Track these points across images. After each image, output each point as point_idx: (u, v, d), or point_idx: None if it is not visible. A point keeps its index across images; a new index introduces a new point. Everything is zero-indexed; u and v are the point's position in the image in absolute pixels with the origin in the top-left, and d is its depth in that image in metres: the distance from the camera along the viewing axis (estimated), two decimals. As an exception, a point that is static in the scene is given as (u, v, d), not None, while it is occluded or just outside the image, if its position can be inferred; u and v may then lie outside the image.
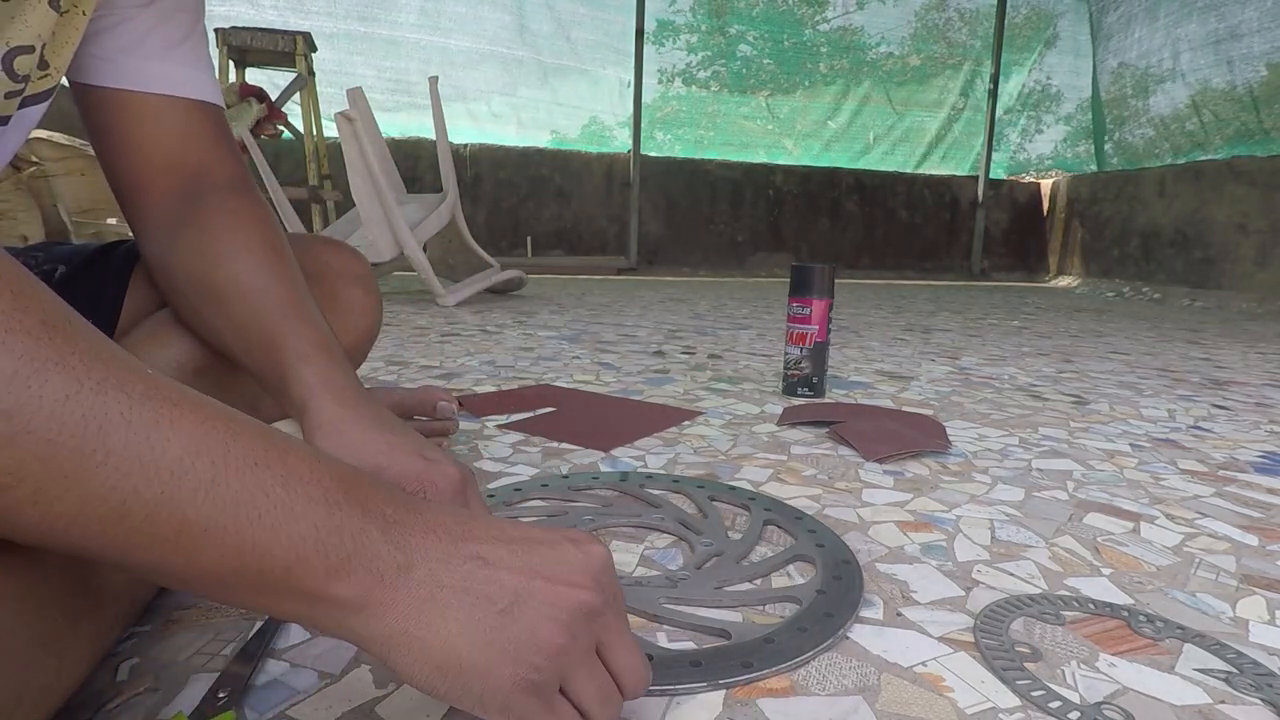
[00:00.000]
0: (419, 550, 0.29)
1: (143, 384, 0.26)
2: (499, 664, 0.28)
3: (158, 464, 0.25)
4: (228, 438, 0.26)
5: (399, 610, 0.28)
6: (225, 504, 0.25)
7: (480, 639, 0.28)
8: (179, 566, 0.26)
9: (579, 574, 0.31)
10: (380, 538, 0.28)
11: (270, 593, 0.27)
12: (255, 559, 0.26)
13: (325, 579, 0.27)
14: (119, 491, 0.24)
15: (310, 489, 0.28)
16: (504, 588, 0.29)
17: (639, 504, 0.68)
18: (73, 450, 0.23)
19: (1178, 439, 0.99)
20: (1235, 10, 3.67)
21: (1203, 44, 3.89)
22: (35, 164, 2.32)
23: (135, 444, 0.24)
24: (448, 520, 0.31)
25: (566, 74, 4.43)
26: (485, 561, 0.30)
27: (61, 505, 0.24)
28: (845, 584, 0.52)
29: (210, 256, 0.53)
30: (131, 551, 0.25)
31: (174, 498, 0.25)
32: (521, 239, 4.38)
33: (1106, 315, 2.89)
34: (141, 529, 0.25)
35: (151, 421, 0.25)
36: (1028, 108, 5.23)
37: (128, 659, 0.41)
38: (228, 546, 0.26)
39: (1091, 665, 0.44)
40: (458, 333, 1.80)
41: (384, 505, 0.29)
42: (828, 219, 4.93)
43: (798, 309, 1.14)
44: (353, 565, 0.27)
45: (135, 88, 0.54)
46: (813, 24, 4.90)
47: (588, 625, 0.31)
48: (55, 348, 0.24)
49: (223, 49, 2.96)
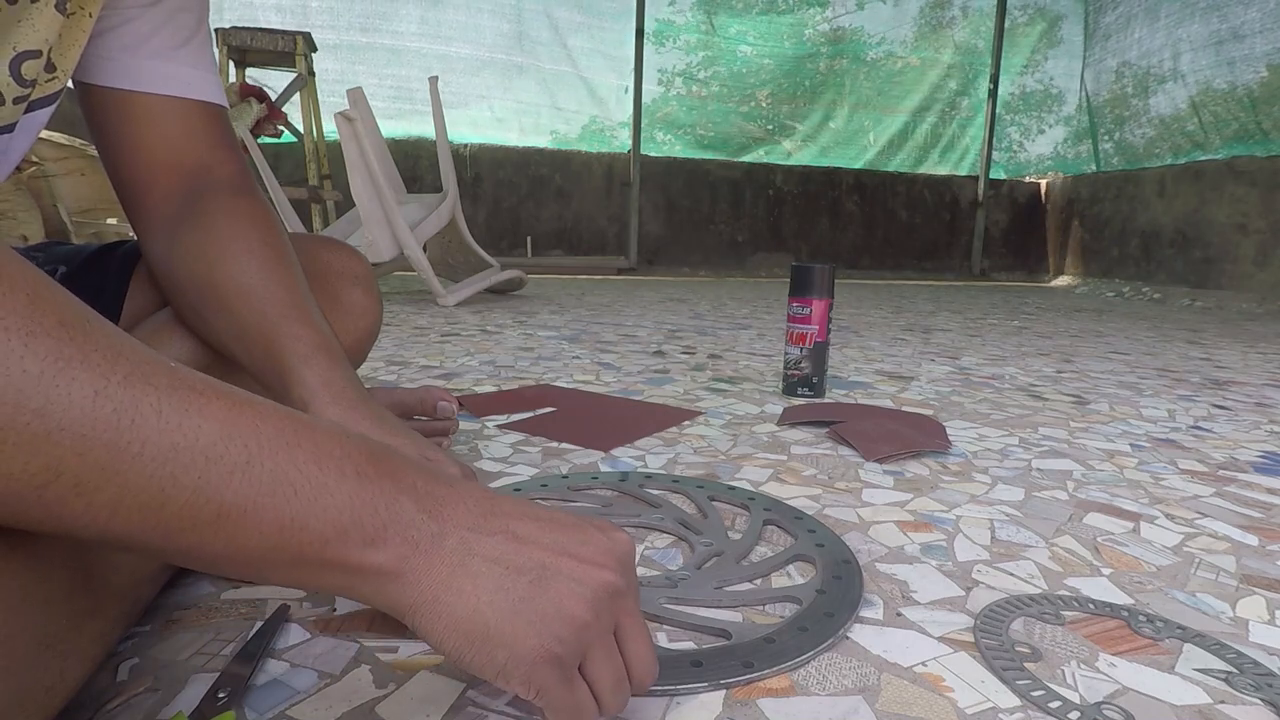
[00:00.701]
0: (451, 519, 0.30)
1: (167, 375, 0.26)
2: (525, 634, 0.29)
3: (192, 450, 0.25)
4: (257, 420, 0.27)
5: (432, 576, 0.29)
6: (262, 484, 0.26)
7: (508, 608, 0.29)
8: (219, 548, 0.26)
9: (605, 555, 0.32)
10: (413, 508, 0.29)
11: (307, 567, 0.28)
12: (294, 535, 0.27)
13: (362, 549, 0.28)
14: (157, 480, 0.25)
15: (343, 464, 0.28)
16: (533, 560, 0.30)
17: (639, 504, 0.68)
18: (108, 444, 0.24)
19: (1178, 439, 0.99)
20: (1239, 11, 3.67)
21: (1203, 44, 3.89)
22: (35, 164, 2.32)
23: (168, 433, 0.25)
24: (478, 494, 0.32)
25: (564, 79, 4.45)
26: (515, 535, 0.31)
27: (102, 496, 0.24)
28: (845, 583, 0.52)
29: (211, 257, 0.53)
30: (173, 536, 0.26)
31: (211, 481, 0.25)
32: (521, 239, 4.38)
33: (1106, 315, 2.89)
34: (182, 514, 0.25)
35: (182, 410, 0.25)
36: (1028, 108, 5.24)
37: (128, 659, 0.41)
38: (267, 525, 0.26)
39: (1091, 665, 0.44)
40: (458, 333, 1.80)
41: (415, 478, 0.30)
42: (828, 219, 4.93)
43: (798, 309, 1.14)
44: (389, 534, 0.28)
45: (139, 88, 0.54)
46: (813, 24, 4.90)
47: (610, 605, 0.31)
48: (78, 346, 0.24)
49: (223, 49, 2.96)
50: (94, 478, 0.24)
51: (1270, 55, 3.57)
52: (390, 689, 0.39)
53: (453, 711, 0.38)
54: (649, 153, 4.59)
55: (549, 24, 4.34)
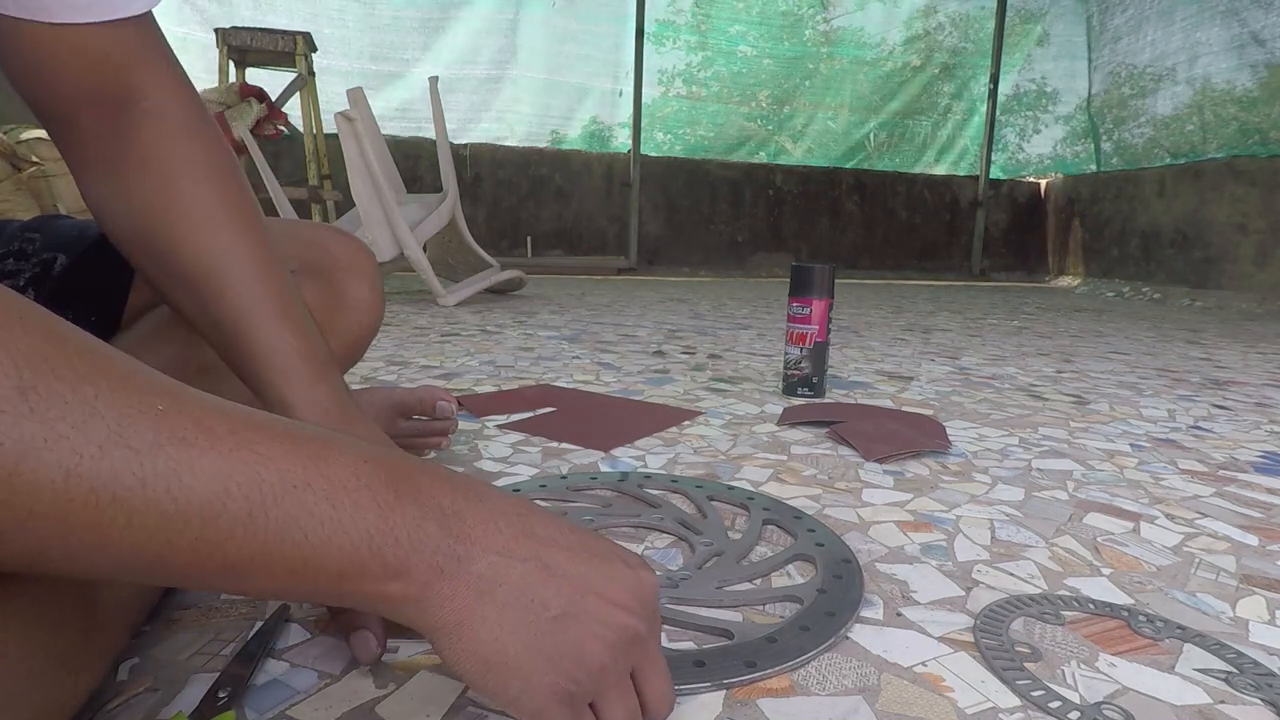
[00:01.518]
0: (480, 542, 0.29)
1: (152, 430, 0.23)
2: (542, 669, 0.29)
3: (185, 514, 0.23)
4: (257, 465, 0.25)
5: (457, 602, 0.28)
6: (269, 535, 0.25)
7: (530, 643, 0.29)
8: (232, 588, 0.26)
9: (630, 597, 0.31)
10: (438, 531, 0.28)
11: (327, 596, 0.27)
12: (307, 576, 0.26)
13: (381, 579, 0.27)
14: (153, 546, 0.23)
15: (358, 497, 0.27)
16: (559, 594, 0.30)
17: (638, 504, 0.68)
18: (90, 524, 0.22)
19: (1178, 439, 0.99)
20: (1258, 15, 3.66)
21: (1213, 47, 3.88)
22: (35, 164, 2.32)
23: (155, 501, 0.23)
24: (510, 512, 0.31)
25: (561, 88, 4.47)
26: (544, 565, 0.30)
27: (99, 562, 0.23)
28: (846, 582, 0.52)
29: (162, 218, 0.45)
30: (183, 583, 0.26)
31: (211, 540, 0.24)
32: (521, 239, 4.38)
33: (1106, 315, 2.89)
34: (186, 571, 0.24)
35: (169, 473, 0.23)
36: (1024, 108, 5.23)
37: (128, 659, 0.41)
38: (277, 570, 0.25)
39: (1091, 665, 0.44)
40: (458, 333, 1.80)
41: (441, 496, 0.29)
42: (828, 219, 4.93)
43: (798, 309, 1.14)
44: (411, 563, 0.27)
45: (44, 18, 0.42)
46: (812, 24, 4.90)
47: (629, 649, 0.31)
48: (39, 419, 0.21)
49: (223, 49, 2.96)
50: (83, 554, 0.23)
51: (1270, 56, 3.57)
52: (390, 689, 0.39)
53: (453, 711, 0.38)
54: (649, 153, 4.59)
55: (546, 33, 4.37)
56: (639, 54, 4.43)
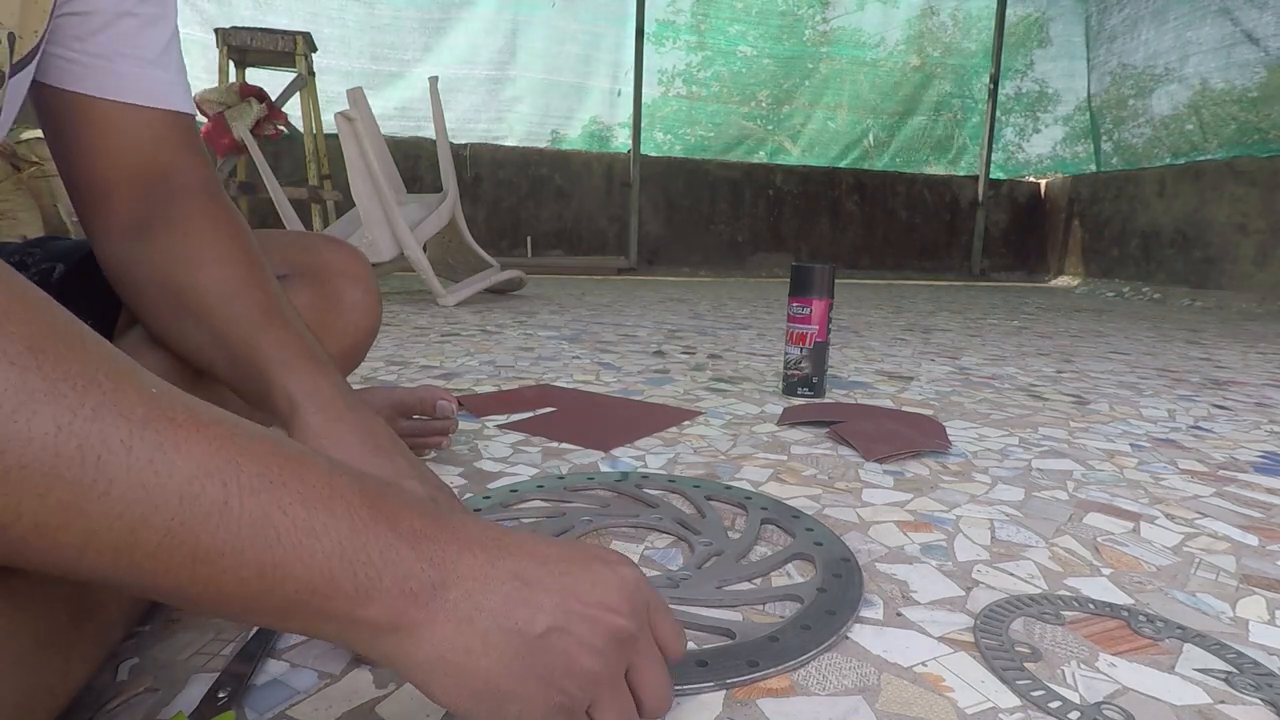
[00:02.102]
0: (454, 567, 0.28)
1: (144, 406, 0.24)
2: (534, 689, 0.29)
3: (164, 490, 0.24)
4: (238, 455, 0.25)
5: (436, 634, 0.27)
6: (240, 526, 0.25)
7: (519, 667, 0.28)
8: (199, 591, 0.25)
9: (614, 596, 0.31)
10: (411, 555, 0.28)
11: (298, 616, 0.26)
12: (277, 581, 0.25)
13: (354, 600, 0.26)
14: (126, 520, 0.23)
15: (333, 505, 0.27)
16: (542, 610, 0.29)
17: (637, 504, 0.68)
18: (71, 482, 0.22)
19: (1178, 439, 0.99)
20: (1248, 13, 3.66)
21: (1204, 46, 3.88)
22: (35, 164, 2.32)
23: (138, 471, 0.23)
24: (481, 534, 0.30)
25: (561, 88, 4.48)
26: (523, 582, 0.29)
27: (67, 536, 0.23)
28: (845, 581, 0.52)
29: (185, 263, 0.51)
30: (147, 578, 0.24)
31: (185, 523, 0.24)
32: (521, 239, 4.38)
33: (1106, 315, 2.89)
34: (155, 556, 0.24)
35: (155, 446, 0.24)
36: (1024, 108, 5.24)
37: (128, 659, 0.41)
38: (247, 569, 0.25)
39: (1091, 665, 0.44)
40: (458, 333, 1.80)
41: (414, 519, 0.29)
42: (828, 219, 4.93)
43: (798, 309, 1.14)
44: (383, 585, 0.27)
45: (105, 95, 0.51)
46: (812, 25, 4.90)
47: (620, 651, 0.31)
48: (44, 375, 0.22)
49: (223, 49, 2.96)
50: (57, 518, 0.23)
51: (1269, 57, 3.57)
52: (390, 689, 0.39)
53: (451, 715, 0.38)
54: (649, 152, 4.59)
55: (545, 34, 4.38)
56: (639, 54, 4.43)
